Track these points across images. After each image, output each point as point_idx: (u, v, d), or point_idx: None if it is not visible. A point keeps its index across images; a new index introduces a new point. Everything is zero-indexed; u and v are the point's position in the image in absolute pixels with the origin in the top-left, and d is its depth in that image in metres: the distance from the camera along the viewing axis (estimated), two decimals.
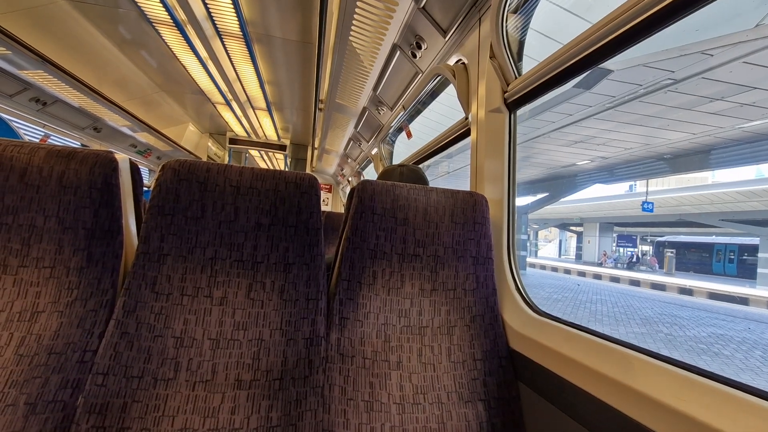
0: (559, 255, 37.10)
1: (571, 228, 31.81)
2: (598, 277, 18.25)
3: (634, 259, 25.49)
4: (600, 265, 25.00)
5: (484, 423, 0.96)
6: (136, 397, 0.82)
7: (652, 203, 18.45)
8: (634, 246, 29.35)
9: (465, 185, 1.48)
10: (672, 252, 23.01)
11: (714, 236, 23.87)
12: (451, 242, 1.11)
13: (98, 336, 0.88)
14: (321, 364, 0.94)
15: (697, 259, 23.43)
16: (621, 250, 29.28)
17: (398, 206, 1.09)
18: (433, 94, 2.47)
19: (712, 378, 0.66)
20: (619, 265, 25.17)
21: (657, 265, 23.72)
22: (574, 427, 0.84)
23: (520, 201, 19.23)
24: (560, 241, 38.10)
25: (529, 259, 28.17)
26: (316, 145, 5.05)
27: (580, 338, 0.92)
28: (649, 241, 30.50)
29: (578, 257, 30.21)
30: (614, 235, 28.86)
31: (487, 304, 1.11)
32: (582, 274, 19.62)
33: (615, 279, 17.07)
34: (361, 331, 1.00)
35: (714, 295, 12.72)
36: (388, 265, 1.07)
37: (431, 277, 1.09)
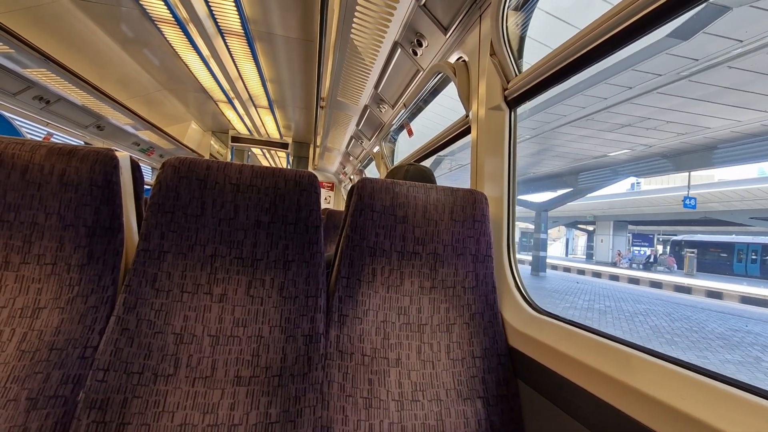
0: (566, 254, 35.73)
1: (580, 226, 30.52)
2: (615, 278, 17.02)
3: (651, 259, 23.85)
4: (614, 265, 23.80)
5: (482, 420, 0.96)
6: (137, 393, 0.83)
7: (695, 199, 16.11)
8: (650, 245, 27.68)
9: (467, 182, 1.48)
10: (693, 252, 21.11)
11: (734, 235, 22.35)
12: (450, 240, 1.11)
13: (99, 332, 0.88)
14: (320, 360, 0.94)
15: (716, 259, 21.85)
16: (634, 249, 27.78)
17: (398, 204, 1.09)
18: (435, 92, 2.46)
19: (712, 376, 0.66)
20: (633, 265, 23.82)
21: (675, 265, 22.18)
22: (573, 424, 0.84)
23: (540, 197, 18.23)
24: (567, 240, 37.12)
25: (528, 257, 27.00)
26: (318, 143, 5.05)
27: (579, 336, 0.92)
28: (661, 240, 28.88)
29: (589, 257, 29.08)
30: (629, 234, 27.21)
31: (486, 301, 1.11)
32: (597, 275, 18.37)
33: (634, 280, 15.90)
34: (361, 329, 1.01)
35: (746, 299, 11.65)
36: (388, 263, 1.07)
37: (431, 275, 1.09)
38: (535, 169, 14.07)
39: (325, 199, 7.38)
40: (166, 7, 2.46)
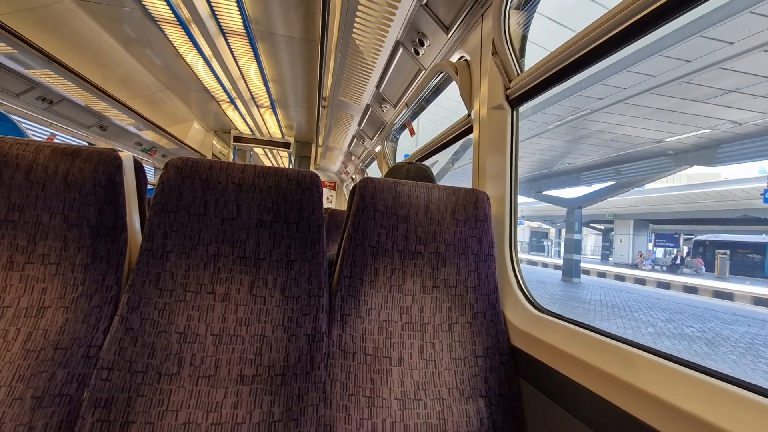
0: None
1: (594, 225, 28.51)
2: (641, 282, 15.32)
3: (678, 261, 21.63)
4: (635, 267, 21.78)
5: (484, 419, 0.97)
6: (141, 392, 0.83)
7: None
8: (676, 246, 24.63)
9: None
10: (725, 253, 18.58)
11: (764, 235, 19.92)
12: (452, 239, 1.11)
13: (103, 331, 0.89)
14: (323, 360, 0.94)
15: (746, 260, 19.81)
16: (655, 250, 25.26)
17: (400, 203, 1.09)
18: (437, 91, 2.46)
19: (715, 376, 0.66)
20: (657, 267, 21.84)
21: (703, 267, 20.07)
22: (575, 424, 0.84)
23: (571, 193, 16.17)
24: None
25: (550, 260, 24.90)
26: (320, 143, 5.05)
27: (581, 335, 0.92)
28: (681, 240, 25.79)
29: (604, 257, 27.55)
30: (650, 233, 24.90)
31: (488, 301, 1.11)
32: (620, 278, 16.36)
33: (664, 285, 14.25)
34: (363, 328, 1.01)
35: None
36: (390, 262, 1.07)
37: (433, 274, 1.09)
38: (567, 159, 12.36)
39: (327, 198, 7.39)
40: (168, 8, 2.47)
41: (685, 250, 24.91)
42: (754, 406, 0.58)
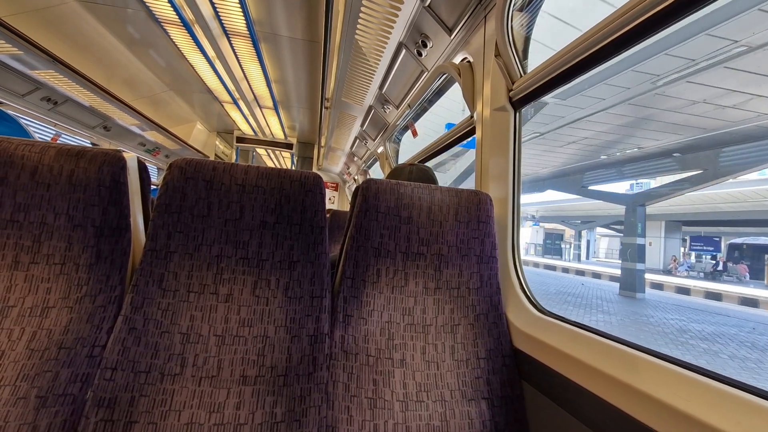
0: (587, 257, 29.71)
1: (614, 227, 25.52)
2: (685, 291, 13.17)
3: (719, 267, 19.00)
4: (669, 272, 19.73)
5: (487, 421, 0.96)
6: (144, 392, 0.84)
7: None
8: (717, 250, 21.80)
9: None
10: None
11: None
12: (455, 241, 1.11)
13: (107, 331, 0.89)
14: (325, 361, 0.94)
15: None
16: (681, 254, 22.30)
17: (402, 205, 1.09)
18: (439, 92, 2.46)
19: (718, 379, 0.66)
20: (693, 273, 19.58)
21: (747, 274, 17.71)
22: (578, 426, 0.84)
23: (630, 186, 14.08)
24: (588, 242, 30.97)
25: (571, 264, 22.11)
26: (322, 144, 5.06)
27: (584, 338, 0.92)
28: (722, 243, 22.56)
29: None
30: (683, 236, 22.19)
31: (491, 302, 1.11)
32: (657, 286, 13.98)
33: (714, 296, 12.22)
34: (365, 329, 1.01)
35: None
36: (392, 264, 1.07)
37: (435, 276, 1.09)
38: (621, 147, 9.98)
39: (329, 199, 7.40)
40: (172, 9, 2.48)
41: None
42: (758, 409, 0.58)
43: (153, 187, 1.43)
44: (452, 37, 1.70)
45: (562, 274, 18.13)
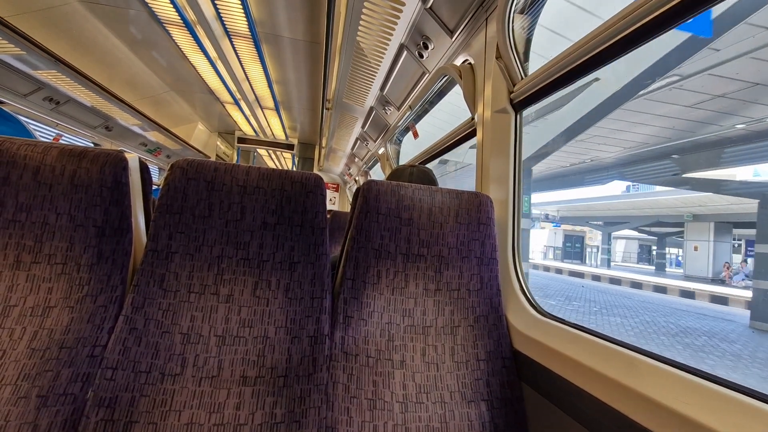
0: (608, 264, 25.70)
1: (646, 228, 22.73)
2: None
3: None
4: (722, 282, 16.18)
5: (486, 423, 0.96)
6: (144, 392, 0.84)
7: None
8: None
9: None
10: None
11: None
12: (455, 243, 1.11)
13: (108, 331, 0.90)
14: (325, 362, 0.95)
15: None
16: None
17: (403, 206, 1.09)
18: (441, 94, 2.46)
19: (717, 382, 0.66)
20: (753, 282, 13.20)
21: None
22: (578, 429, 0.83)
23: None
24: (605, 247, 27.01)
25: (601, 271, 18.61)
26: (323, 145, 5.06)
27: (584, 340, 0.92)
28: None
29: (659, 267, 22.05)
30: (734, 239, 18.43)
31: (491, 304, 1.11)
32: (720, 299, 11.10)
33: None
34: (365, 330, 1.01)
35: None
36: (393, 265, 1.07)
37: (435, 277, 1.09)
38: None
39: (330, 200, 7.40)
40: (174, 10, 2.49)
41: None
42: (757, 412, 0.58)
43: (154, 187, 1.44)
44: (453, 38, 1.70)
45: (595, 283, 15.44)
